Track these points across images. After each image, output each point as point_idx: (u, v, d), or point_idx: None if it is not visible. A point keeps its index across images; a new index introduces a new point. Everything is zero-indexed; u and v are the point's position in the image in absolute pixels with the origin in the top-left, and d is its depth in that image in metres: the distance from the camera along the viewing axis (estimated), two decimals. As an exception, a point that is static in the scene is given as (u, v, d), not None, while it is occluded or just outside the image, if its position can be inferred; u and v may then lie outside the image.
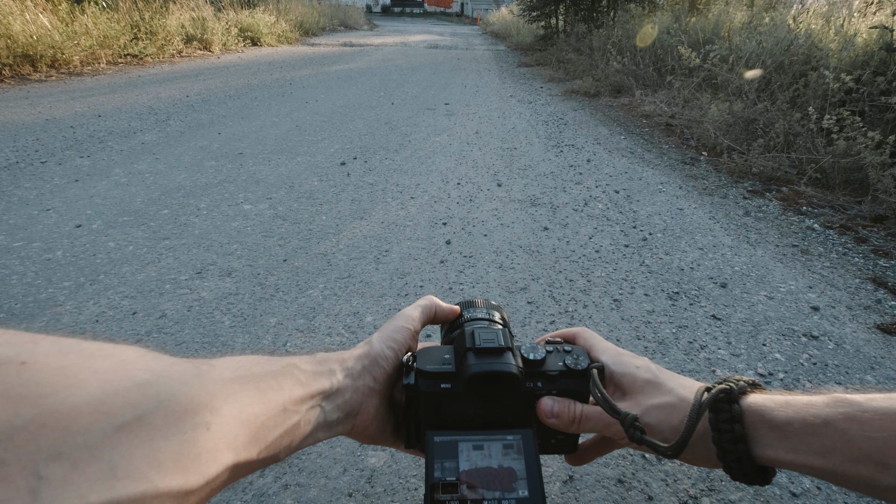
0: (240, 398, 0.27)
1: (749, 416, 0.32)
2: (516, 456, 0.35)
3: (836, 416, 0.29)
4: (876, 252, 1.95)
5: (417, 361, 0.38)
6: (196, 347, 1.33)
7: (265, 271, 1.71)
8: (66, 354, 0.20)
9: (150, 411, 0.21)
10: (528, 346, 0.40)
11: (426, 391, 0.37)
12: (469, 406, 0.38)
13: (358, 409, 0.36)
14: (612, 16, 7.58)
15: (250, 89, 4.95)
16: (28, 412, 0.18)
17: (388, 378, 0.38)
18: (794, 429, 0.30)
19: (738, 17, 5.06)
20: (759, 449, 0.31)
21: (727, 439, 0.31)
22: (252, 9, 9.70)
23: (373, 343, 0.39)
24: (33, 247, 1.80)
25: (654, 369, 0.38)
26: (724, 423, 0.32)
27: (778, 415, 0.31)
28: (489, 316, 0.44)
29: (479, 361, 0.36)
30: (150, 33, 6.62)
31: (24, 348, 0.19)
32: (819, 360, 1.34)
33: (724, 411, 0.32)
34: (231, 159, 2.84)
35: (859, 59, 3.13)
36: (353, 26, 16.13)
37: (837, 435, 0.28)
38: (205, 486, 0.23)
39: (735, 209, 2.34)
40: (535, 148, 3.26)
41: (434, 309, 0.44)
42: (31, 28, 5.00)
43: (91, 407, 0.19)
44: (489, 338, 0.38)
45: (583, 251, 1.91)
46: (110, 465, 0.19)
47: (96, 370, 0.21)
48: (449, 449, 0.36)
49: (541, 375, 0.39)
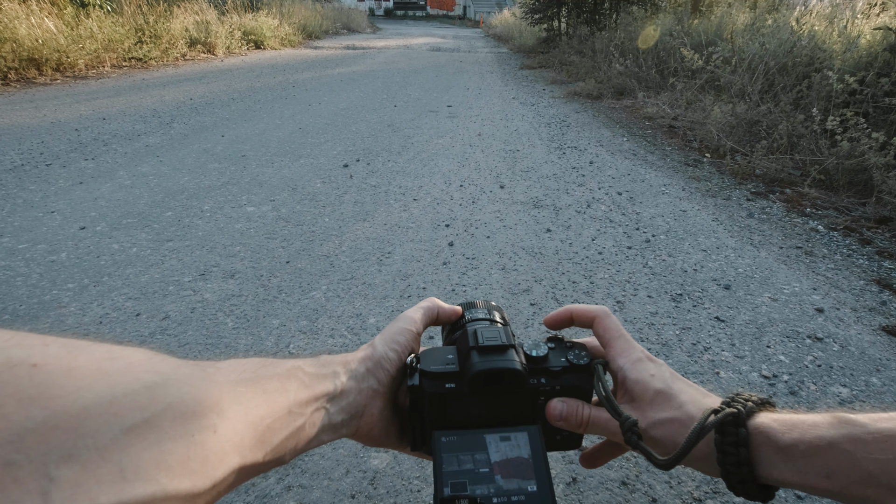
0: (246, 401, 0.27)
1: (755, 438, 0.32)
2: (523, 452, 0.36)
3: (841, 437, 0.29)
4: (881, 254, 1.94)
5: (421, 362, 0.39)
6: (199, 349, 1.34)
7: (268, 273, 1.71)
8: (75, 356, 0.20)
9: (159, 413, 0.21)
10: (530, 343, 0.40)
11: (431, 391, 0.37)
12: (474, 405, 0.38)
13: (362, 412, 0.36)
14: (615, 18, 7.58)
15: (253, 92, 4.97)
16: (39, 414, 0.18)
17: (392, 380, 0.38)
18: (799, 451, 0.30)
19: (740, 18, 5.05)
20: (765, 470, 0.31)
21: (731, 462, 0.31)
22: (255, 12, 9.74)
23: (375, 345, 0.39)
24: (38, 249, 1.81)
25: (668, 378, 0.37)
26: (730, 447, 0.32)
27: (784, 438, 0.31)
28: (490, 316, 0.45)
29: (483, 359, 0.37)
30: (155, 37, 6.66)
31: (35, 350, 0.19)
32: (824, 362, 1.33)
33: (730, 434, 0.32)
34: (234, 162, 2.85)
35: (863, 61, 3.12)
36: (355, 29, 16.19)
37: (843, 457, 0.28)
38: (212, 489, 0.23)
39: (738, 211, 2.34)
40: (537, 150, 3.26)
41: (436, 310, 0.44)
42: (37, 32, 5.04)
43: (101, 409, 0.19)
44: (492, 336, 0.38)
45: (586, 253, 1.91)
46: (119, 466, 0.19)
47: (106, 372, 0.21)
48: (457, 446, 0.36)
49: (544, 371, 0.39)
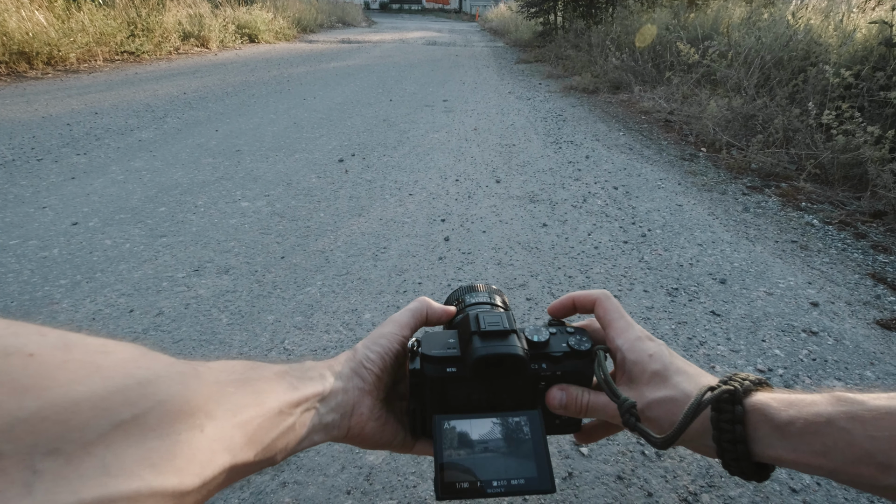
0: (235, 400, 0.27)
1: (752, 415, 0.32)
2: (523, 436, 0.36)
3: (839, 414, 0.29)
4: (875, 248, 1.95)
5: (422, 346, 0.39)
6: (193, 345, 1.33)
7: (263, 268, 1.70)
8: (71, 349, 0.21)
9: (147, 411, 0.21)
10: (531, 328, 0.40)
11: (432, 375, 0.37)
12: (474, 389, 0.38)
13: (351, 410, 0.36)
14: (611, 12, 7.55)
15: (248, 86, 4.93)
16: (31, 404, 0.18)
17: (378, 380, 0.38)
18: (796, 428, 0.30)
19: (736, 12, 5.04)
20: (760, 448, 0.31)
21: (727, 439, 0.31)
22: (249, 5, 9.65)
23: (357, 349, 0.40)
24: (29, 244, 1.79)
25: (667, 359, 0.37)
26: (726, 424, 0.32)
27: (781, 415, 0.31)
28: (491, 300, 0.45)
29: (484, 344, 0.37)
30: (147, 30, 6.59)
31: (31, 339, 0.20)
32: (818, 356, 1.34)
33: (726, 411, 0.32)
34: (228, 156, 2.83)
35: (859, 55, 3.12)
36: (351, 23, 16.07)
37: (839, 434, 0.28)
38: (202, 488, 0.23)
39: (734, 205, 2.34)
40: (533, 144, 3.25)
41: (425, 311, 0.43)
42: (28, 25, 4.97)
43: (91, 403, 0.19)
44: (494, 321, 0.38)
45: (581, 247, 1.90)
46: (103, 462, 0.19)
47: (99, 366, 0.21)
48: (458, 430, 0.36)
49: (545, 357, 0.39)
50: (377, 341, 0.40)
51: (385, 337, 0.40)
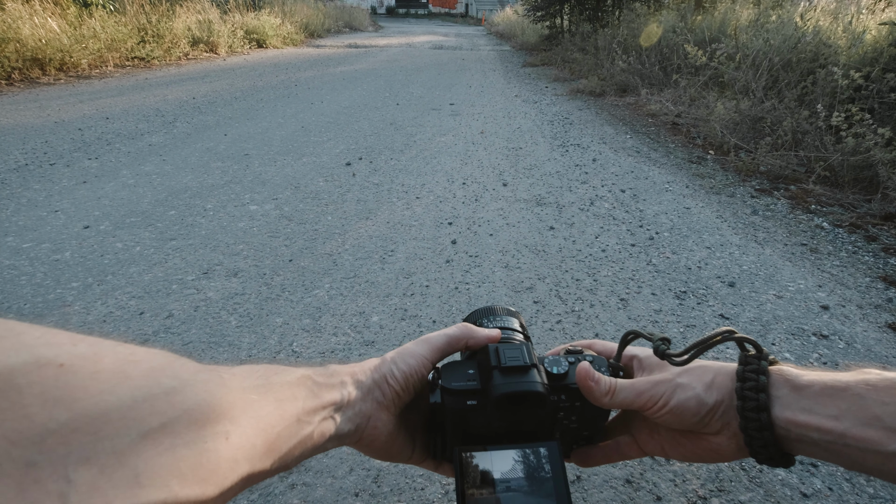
0: (258, 408, 0.27)
1: (774, 378, 0.33)
2: (545, 474, 0.36)
3: (857, 382, 0.30)
4: (886, 250, 1.93)
5: (442, 378, 0.39)
6: (203, 347, 1.34)
7: (271, 271, 1.71)
8: (101, 358, 0.21)
9: (175, 419, 0.22)
10: (550, 359, 0.40)
11: (452, 408, 0.38)
12: (494, 419, 0.38)
13: (367, 422, 0.37)
14: (618, 15, 7.54)
15: (256, 91, 4.97)
16: (62, 415, 0.18)
17: (397, 397, 0.38)
18: (813, 391, 0.31)
19: (744, 14, 5.03)
20: (779, 410, 0.32)
21: (751, 407, 0.32)
22: (257, 11, 9.74)
23: (385, 360, 0.39)
24: (42, 248, 1.82)
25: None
26: (750, 391, 0.33)
27: (801, 378, 0.32)
28: (509, 325, 0.45)
29: (506, 381, 0.37)
30: (157, 36, 6.67)
31: (62, 349, 0.20)
32: (829, 360, 1.32)
33: (750, 380, 0.33)
34: (237, 160, 2.85)
35: (868, 56, 3.10)
36: (358, 28, 16.17)
37: (853, 399, 0.29)
38: (219, 497, 0.23)
39: (743, 208, 2.33)
40: (540, 147, 3.25)
41: (465, 340, 0.42)
42: (40, 32, 5.05)
43: (121, 413, 0.20)
44: (514, 355, 0.38)
45: (589, 250, 1.90)
46: (135, 472, 0.19)
47: (128, 375, 0.21)
48: (480, 468, 0.36)
49: (564, 389, 0.39)
50: (406, 359, 0.39)
51: (414, 357, 0.40)
